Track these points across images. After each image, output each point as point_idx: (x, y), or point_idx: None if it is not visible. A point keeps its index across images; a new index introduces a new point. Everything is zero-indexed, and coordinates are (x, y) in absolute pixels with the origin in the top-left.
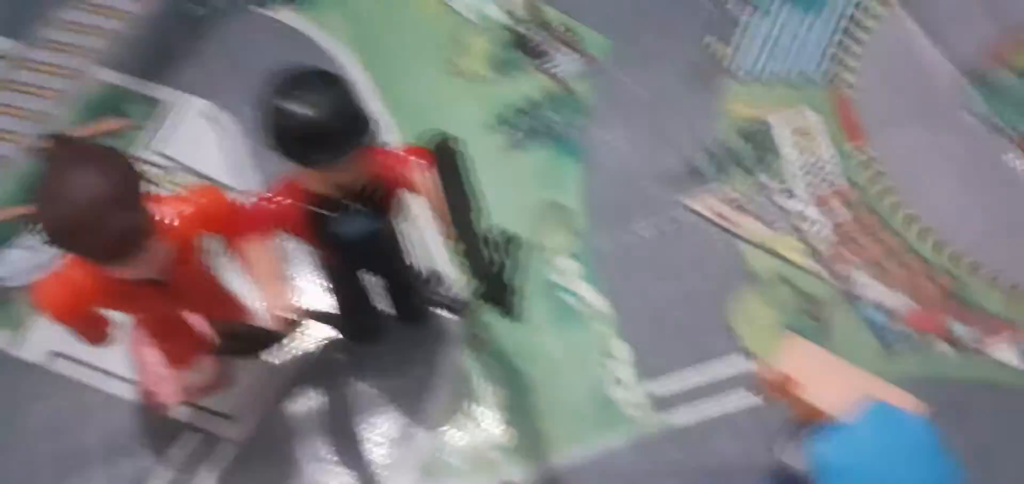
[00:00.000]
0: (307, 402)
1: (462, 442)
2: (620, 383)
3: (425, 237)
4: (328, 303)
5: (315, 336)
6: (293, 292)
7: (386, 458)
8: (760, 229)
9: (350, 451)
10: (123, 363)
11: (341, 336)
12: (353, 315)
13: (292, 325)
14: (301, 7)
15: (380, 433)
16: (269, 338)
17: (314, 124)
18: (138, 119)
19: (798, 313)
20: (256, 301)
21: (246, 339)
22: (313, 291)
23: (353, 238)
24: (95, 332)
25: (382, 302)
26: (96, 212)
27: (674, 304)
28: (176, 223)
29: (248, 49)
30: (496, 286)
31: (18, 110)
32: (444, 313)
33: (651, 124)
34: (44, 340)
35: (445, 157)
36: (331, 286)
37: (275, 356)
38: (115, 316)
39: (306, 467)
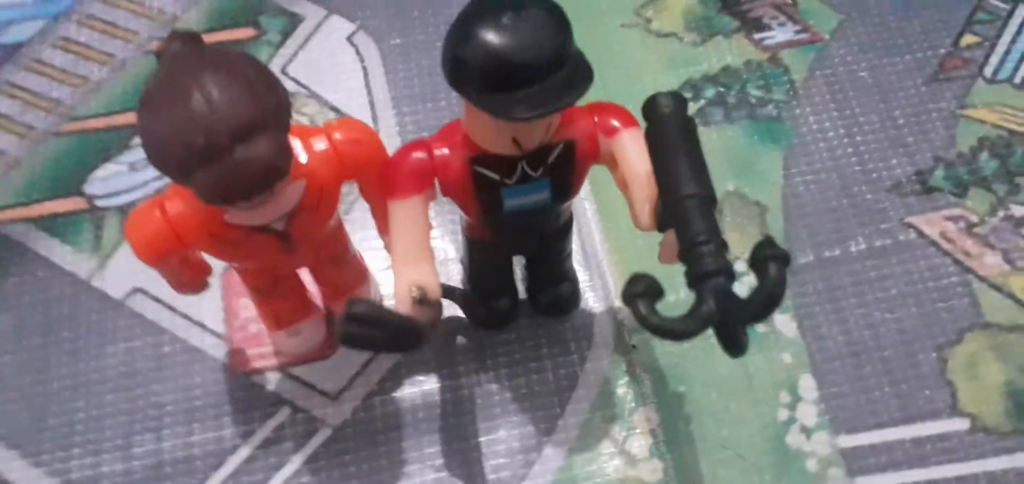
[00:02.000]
0: (416, 390)
1: (598, 469)
2: (804, 430)
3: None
4: (459, 278)
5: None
6: (435, 273)
7: (502, 471)
8: (999, 264)
9: (460, 457)
10: (211, 311)
11: (463, 317)
12: (488, 300)
13: (430, 315)
14: None
15: (499, 440)
16: (410, 334)
17: (526, 61)
18: (272, 33)
19: None
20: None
21: (383, 327)
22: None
23: (520, 212)
24: (189, 281)
25: (519, 282)
26: (235, 140)
27: (882, 342)
28: (313, 162)
29: None
30: (730, 315)
31: (138, 7)
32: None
33: (875, 117)
34: (129, 272)
35: (667, 120)
36: (470, 260)
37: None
38: (213, 261)
39: (406, 467)
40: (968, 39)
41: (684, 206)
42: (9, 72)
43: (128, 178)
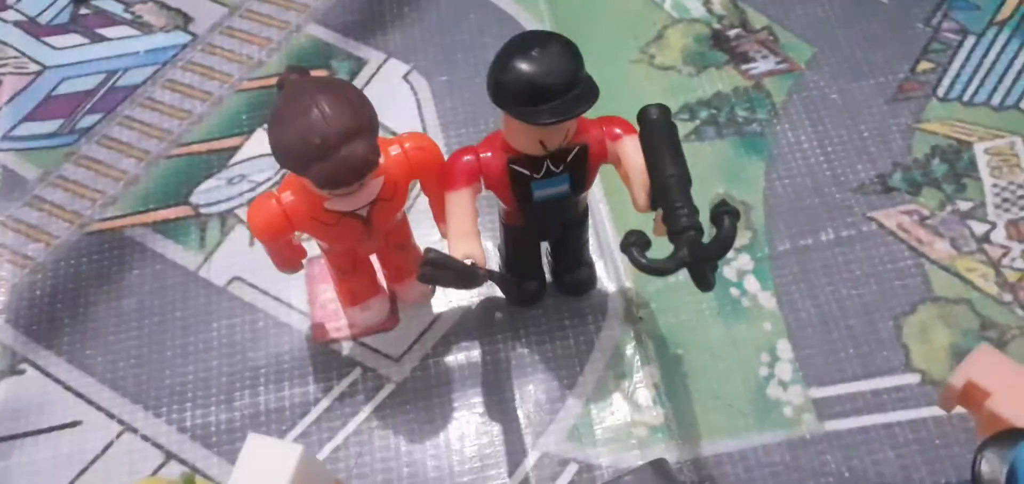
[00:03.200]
0: (462, 354)
1: (610, 415)
2: (781, 384)
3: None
4: (497, 262)
5: (476, 291)
6: (482, 247)
7: (532, 418)
8: (947, 249)
9: (498, 406)
10: (296, 294)
11: (501, 295)
12: (521, 279)
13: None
14: None
15: (529, 394)
16: (468, 276)
17: (549, 83)
18: (341, 74)
19: (977, 337)
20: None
21: (452, 270)
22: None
23: (546, 200)
24: (289, 259)
25: (546, 268)
26: (342, 141)
27: (847, 313)
28: (389, 164)
29: (451, 20)
30: (698, 256)
31: (231, 54)
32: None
33: (844, 132)
34: (228, 265)
35: (655, 123)
36: (506, 247)
37: (472, 294)
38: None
39: (455, 414)
40: (924, 65)
41: (667, 183)
42: (128, 108)
43: (226, 190)
